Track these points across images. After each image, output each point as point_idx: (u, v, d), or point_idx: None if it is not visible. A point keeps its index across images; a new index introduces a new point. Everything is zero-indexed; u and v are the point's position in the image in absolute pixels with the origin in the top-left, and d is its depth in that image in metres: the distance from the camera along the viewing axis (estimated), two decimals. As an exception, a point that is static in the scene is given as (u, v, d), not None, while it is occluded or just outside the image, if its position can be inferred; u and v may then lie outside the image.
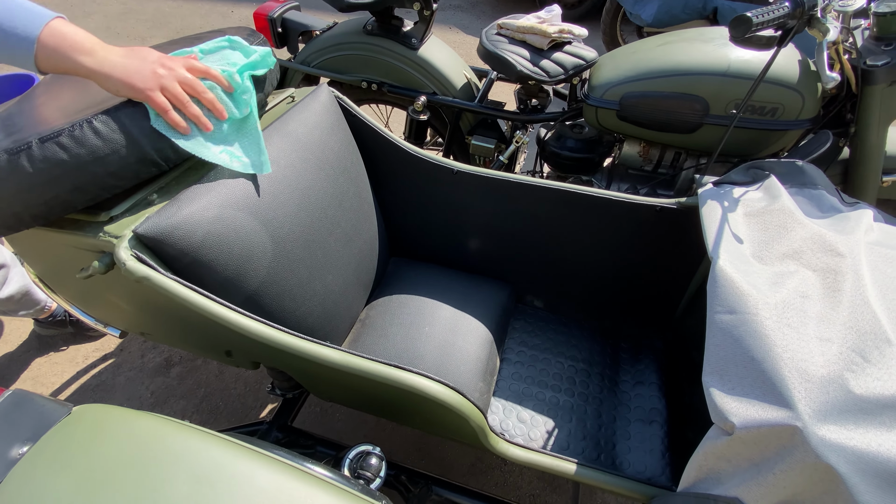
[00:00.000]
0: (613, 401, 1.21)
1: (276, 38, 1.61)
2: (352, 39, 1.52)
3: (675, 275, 1.22)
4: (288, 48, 1.67)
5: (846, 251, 0.75)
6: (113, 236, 0.74)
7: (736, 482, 0.62)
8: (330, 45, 1.55)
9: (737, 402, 0.61)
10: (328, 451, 1.08)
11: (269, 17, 1.55)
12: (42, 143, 0.67)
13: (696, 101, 1.20)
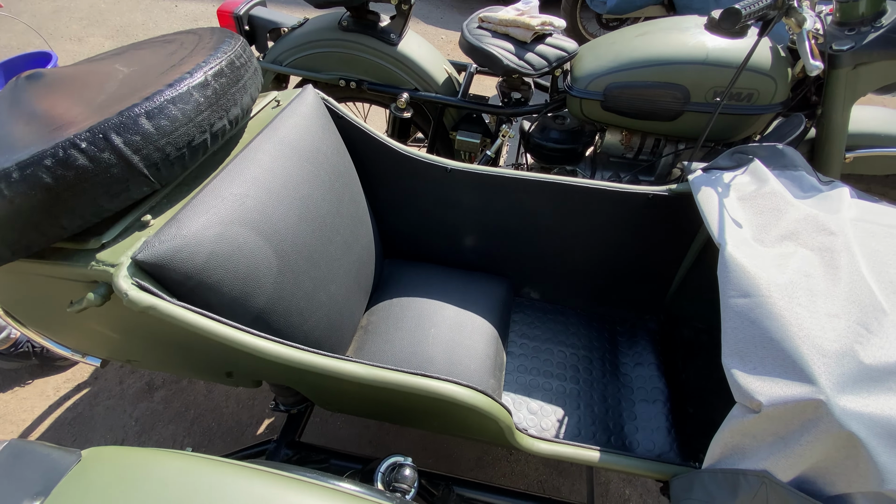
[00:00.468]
0: (616, 384, 1.25)
1: (243, 36, 1.52)
2: (327, 36, 1.46)
3: (665, 258, 1.27)
4: (256, 47, 1.59)
5: (837, 229, 0.81)
6: (108, 264, 0.68)
7: (762, 456, 0.66)
8: (303, 43, 1.49)
9: (760, 381, 0.65)
10: (344, 464, 1.06)
11: (234, 15, 1.47)
12: (23, 169, 0.61)
13: (677, 90, 1.24)
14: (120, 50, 1.01)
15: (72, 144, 0.63)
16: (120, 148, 0.66)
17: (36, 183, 0.61)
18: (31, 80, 0.86)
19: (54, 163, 0.62)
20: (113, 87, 0.78)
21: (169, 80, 0.73)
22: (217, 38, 0.87)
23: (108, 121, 0.66)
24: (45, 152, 0.62)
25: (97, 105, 0.72)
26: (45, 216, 0.64)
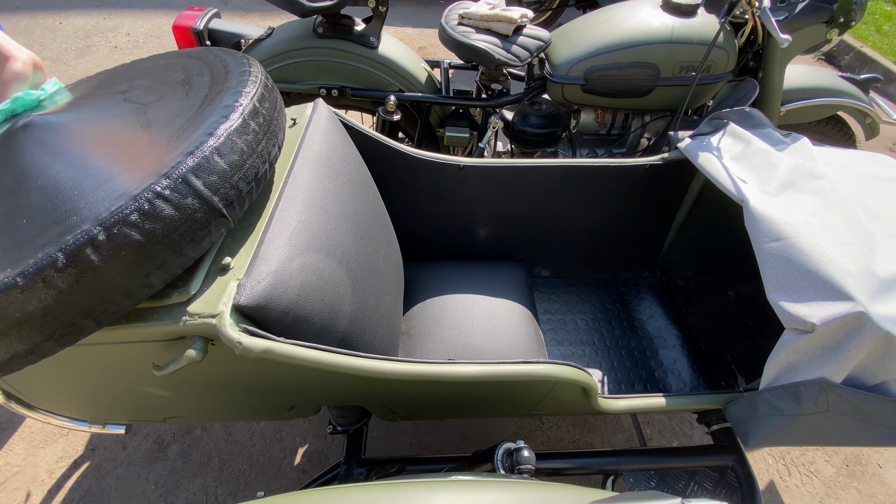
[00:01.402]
0: (637, 338, 1.39)
1: (206, 53, 1.42)
2: (302, 45, 1.41)
3: (659, 220, 1.42)
4: (218, 62, 1.48)
5: (822, 174, 0.98)
6: (205, 316, 0.64)
7: (815, 367, 0.80)
8: (277, 54, 1.42)
9: (808, 307, 0.79)
10: (421, 468, 1.08)
11: (194, 30, 1.36)
12: (108, 229, 0.55)
13: (649, 68, 1.37)
14: (105, 80, 0.91)
15: (156, 195, 0.58)
16: (201, 191, 0.62)
17: (125, 242, 0.56)
18: (32, 130, 0.76)
19: (141, 217, 0.57)
20: (146, 125, 0.72)
21: (217, 112, 0.69)
22: (235, 61, 0.83)
23: (183, 164, 0.61)
24: (129, 207, 0.56)
25: (146, 146, 0.67)
26: (134, 276, 0.59)
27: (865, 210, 0.93)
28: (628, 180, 1.30)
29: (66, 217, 0.57)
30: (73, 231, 0.55)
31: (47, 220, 0.58)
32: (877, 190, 0.99)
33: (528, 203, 1.33)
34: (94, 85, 0.90)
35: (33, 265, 0.52)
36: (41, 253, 0.53)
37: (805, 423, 0.83)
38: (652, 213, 1.40)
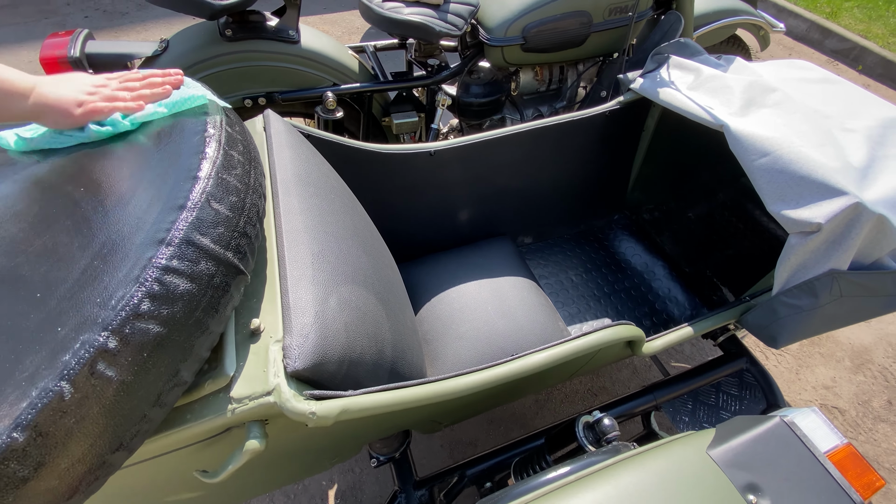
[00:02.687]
0: (630, 279, 1.45)
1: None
2: (211, 54, 1.21)
3: (621, 162, 1.47)
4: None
5: (773, 86, 1.05)
6: (256, 397, 0.53)
7: (823, 261, 0.88)
8: (184, 69, 1.20)
9: (809, 210, 0.85)
10: (481, 468, 1.04)
11: (69, 59, 1.10)
12: (120, 331, 0.42)
13: (582, 16, 1.38)
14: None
15: (164, 269, 0.45)
16: (212, 250, 0.50)
17: (144, 341, 0.43)
18: None
19: (154, 303, 0.44)
20: (99, 188, 0.56)
21: (188, 149, 0.56)
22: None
23: (180, 222, 0.48)
24: (136, 294, 0.43)
25: (120, 207, 0.52)
26: (163, 378, 0.46)
27: (815, 111, 1.02)
28: (591, 130, 1.32)
29: (52, 328, 0.42)
30: (70, 346, 0.40)
31: (27, 338, 0.43)
32: (814, 92, 1.10)
33: (503, 174, 1.30)
34: None
35: (30, 409, 0.38)
36: (35, 389, 0.39)
37: (823, 313, 0.92)
38: (615, 158, 1.43)
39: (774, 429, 0.65)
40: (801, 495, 0.58)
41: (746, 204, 1.55)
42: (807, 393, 1.64)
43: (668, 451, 0.63)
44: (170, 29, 3.12)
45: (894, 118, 1.02)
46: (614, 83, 1.51)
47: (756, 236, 1.50)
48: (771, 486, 0.59)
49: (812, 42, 3.36)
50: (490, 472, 1.04)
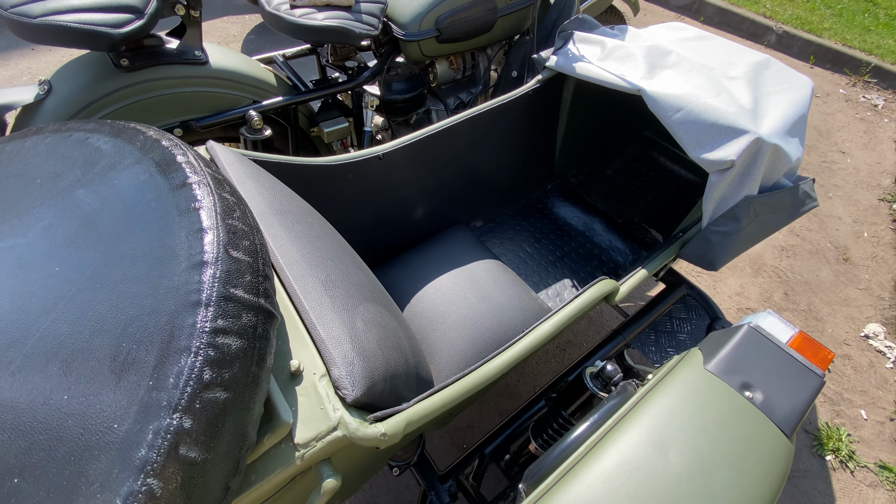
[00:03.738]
0: (575, 239, 1.58)
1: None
2: (108, 89, 1.07)
3: (546, 135, 1.58)
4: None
5: (668, 49, 1.21)
6: (323, 435, 0.53)
7: (738, 191, 1.05)
8: (76, 112, 1.05)
9: (722, 150, 1.01)
10: (494, 446, 1.10)
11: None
12: (190, 406, 0.39)
13: (487, 2, 1.44)
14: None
15: (213, 332, 0.43)
16: (247, 300, 0.48)
17: (216, 409, 0.41)
18: None
19: (215, 371, 0.42)
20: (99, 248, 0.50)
21: (177, 196, 0.51)
22: (151, 136, 0.61)
23: (210, 280, 0.46)
24: (195, 364, 0.41)
25: (127, 275, 0.47)
26: (239, 445, 0.44)
27: (703, 66, 1.19)
28: (518, 110, 1.40)
29: (106, 428, 0.38)
30: (142, 440, 0.37)
31: (72, 450, 0.38)
32: (696, 48, 1.28)
33: (448, 164, 1.34)
34: None
35: None
36: (119, 497, 0.35)
37: (745, 233, 1.10)
38: (541, 131, 1.54)
39: (747, 334, 0.78)
40: (780, 381, 0.72)
41: (651, 153, 1.75)
42: (726, 301, 1.93)
43: (675, 377, 0.73)
44: (34, 63, 2.63)
45: (760, 61, 1.23)
46: (528, 62, 1.60)
47: (666, 181, 1.71)
48: (757, 380, 0.72)
49: (660, 1, 3.80)
50: (505, 445, 1.10)
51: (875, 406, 1.68)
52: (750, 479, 0.58)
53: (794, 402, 0.69)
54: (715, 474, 0.58)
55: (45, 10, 0.88)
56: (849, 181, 2.53)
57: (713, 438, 0.62)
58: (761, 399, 0.69)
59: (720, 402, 0.68)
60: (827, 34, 3.37)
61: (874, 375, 1.77)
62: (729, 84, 1.13)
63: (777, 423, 0.66)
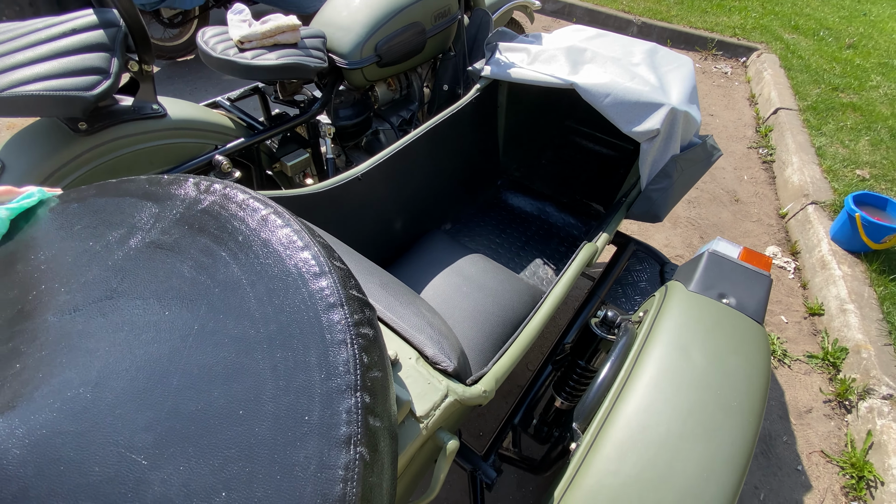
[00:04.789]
0: (534, 224, 1.76)
1: None
2: (70, 156, 1.03)
3: (489, 134, 1.75)
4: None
5: (582, 48, 1.42)
6: (437, 405, 0.61)
7: (666, 153, 1.28)
8: (40, 183, 0.99)
9: (647, 122, 1.23)
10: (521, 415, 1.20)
11: None
12: (364, 389, 0.45)
13: (417, 26, 1.58)
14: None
15: (356, 324, 0.49)
16: (360, 297, 0.55)
17: (377, 388, 0.48)
18: None
19: (367, 355, 0.47)
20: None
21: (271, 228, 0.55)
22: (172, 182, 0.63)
23: (336, 283, 0.51)
24: (353, 353, 0.47)
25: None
26: (389, 416, 0.51)
27: (612, 58, 1.43)
28: (466, 117, 1.55)
29: (301, 421, 0.43)
30: (339, 421, 0.43)
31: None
32: (601, 44, 1.52)
33: (416, 175, 1.44)
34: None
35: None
36: (339, 468, 0.41)
37: (677, 185, 1.34)
38: (486, 134, 1.70)
39: (709, 258, 0.98)
40: (742, 287, 0.92)
41: (575, 139, 1.99)
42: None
43: (670, 303, 0.90)
44: None
45: (650, 48, 1.49)
46: (458, 76, 1.76)
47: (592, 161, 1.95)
48: (727, 289, 0.91)
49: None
50: (529, 412, 1.21)
51: (790, 310, 2.06)
52: (749, 358, 0.76)
53: (757, 299, 0.89)
54: (727, 360, 0.75)
55: (12, 82, 0.84)
56: (722, 137, 3.03)
57: (716, 336, 0.79)
58: (735, 302, 0.88)
59: (709, 311, 0.86)
60: (675, 20, 4.00)
61: (783, 287, 2.15)
62: (636, 69, 1.37)
63: (751, 316, 0.85)
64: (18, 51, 0.90)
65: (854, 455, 1.57)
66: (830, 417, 1.71)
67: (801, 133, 2.84)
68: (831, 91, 3.28)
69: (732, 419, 0.67)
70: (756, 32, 3.96)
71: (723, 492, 0.62)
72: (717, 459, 0.64)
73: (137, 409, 0.41)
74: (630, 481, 0.64)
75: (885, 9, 4.92)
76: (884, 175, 2.58)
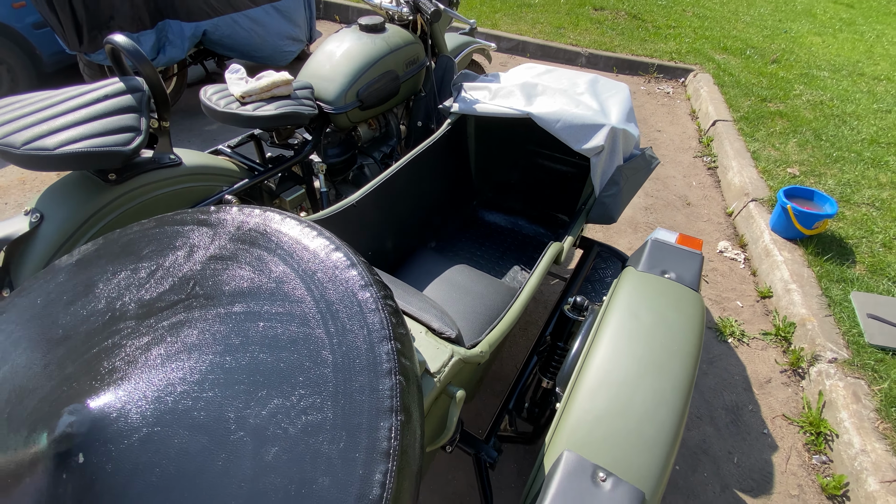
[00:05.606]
0: (509, 236, 1.97)
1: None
2: (101, 203, 1.18)
3: (462, 162, 1.97)
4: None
5: (534, 83, 1.67)
6: (445, 364, 0.78)
7: (612, 164, 1.52)
8: (75, 231, 1.14)
9: (594, 140, 1.46)
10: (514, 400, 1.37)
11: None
12: (395, 339, 0.62)
13: (391, 74, 1.81)
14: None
15: (390, 312, 0.66)
16: (389, 292, 0.72)
17: (404, 342, 0.64)
18: None
19: (395, 319, 0.66)
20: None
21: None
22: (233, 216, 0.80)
23: (375, 295, 0.68)
24: (386, 339, 0.63)
25: None
26: (415, 368, 0.67)
27: (559, 89, 1.68)
28: (441, 148, 1.77)
29: (354, 370, 0.59)
30: (382, 360, 0.59)
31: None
32: (549, 79, 1.78)
33: (403, 199, 1.63)
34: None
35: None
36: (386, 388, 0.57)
37: (625, 191, 1.57)
38: (459, 162, 1.92)
39: (653, 244, 1.19)
40: (680, 264, 1.13)
41: (537, 161, 2.24)
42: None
43: (623, 283, 1.10)
44: None
45: (591, 79, 1.76)
46: (430, 113, 1.99)
47: (553, 178, 2.19)
48: (668, 266, 1.12)
49: (495, 48, 4.62)
50: (521, 397, 1.37)
51: (744, 296, 2.29)
52: (686, 315, 0.95)
53: (692, 272, 1.10)
54: (669, 317, 0.94)
55: (61, 142, 1.00)
56: (670, 149, 3.36)
57: (660, 302, 0.99)
58: (675, 276, 1.09)
59: (654, 284, 1.06)
60: (619, 49, 4.43)
61: (735, 276, 2.40)
62: (580, 98, 1.63)
63: (688, 285, 1.06)
64: (60, 115, 1.07)
65: (811, 415, 1.77)
66: (787, 385, 1.92)
67: (737, 140, 3.19)
68: (760, 102, 3.69)
69: (675, 359, 0.86)
70: (690, 55, 4.42)
71: (671, 414, 0.80)
72: (666, 390, 0.82)
73: (229, 371, 0.57)
74: (601, 415, 0.81)
75: (803, 25, 5.53)
76: (811, 171, 2.92)
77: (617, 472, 0.76)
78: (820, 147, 3.15)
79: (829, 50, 4.83)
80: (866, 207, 2.64)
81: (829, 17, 5.94)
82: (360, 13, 4.85)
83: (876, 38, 5.36)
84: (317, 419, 0.55)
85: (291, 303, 0.65)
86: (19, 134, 1.00)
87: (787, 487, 1.61)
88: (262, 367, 0.59)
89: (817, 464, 1.67)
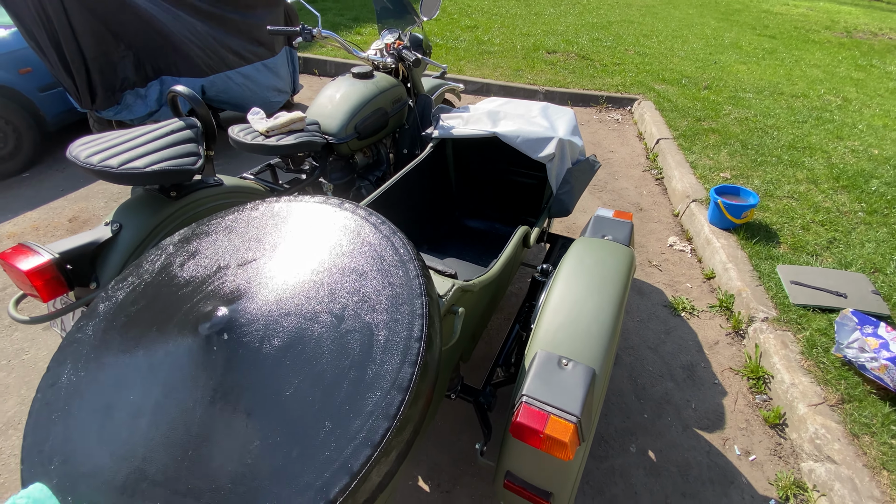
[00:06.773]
0: (488, 237, 2.33)
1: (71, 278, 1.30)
2: (165, 215, 1.50)
3: (444, 179, 2.36)
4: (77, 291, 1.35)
5: (498, 111, 2.09)
6: (451, 290, 1.12)
7: (563, 167, 1.92)
8: (145, 237, 1.45)
9: (547, 149, 1.87)
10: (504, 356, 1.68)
11: (56, 265, 1.24)
12: (427, 295, 0.98)
13: (381, 111, 2.22)
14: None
15: (423, 267, 1.02)
16: (422, 256, 1.07)
17: (429, 287, 0.99)
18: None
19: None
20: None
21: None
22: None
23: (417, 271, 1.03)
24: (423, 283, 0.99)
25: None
26: (438, 302, 1.00)
27: (518, 115, 2.11)
28: (428, 167, 2.15)
29: (401, 306, 0.93)
30: (417, 303, 0.94)
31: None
32: (508, 108, 2.21)
33: (394, 214, 1.99)
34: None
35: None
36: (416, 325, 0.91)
37: (576, 188, 1.97)
38: (443, 178, 2.31)
39: (595, 218, 1.57)
40: (615, 229, 1.50)
41: (506, 174, 2.65)
42: (590, 253, 2.84)
43: (574, 246, 1.46)
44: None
45: (543, 106, 2.20)
46: (413, 141, 2.39)
47: (520, 187, 2.59)
48: (607, 231, 1.49)
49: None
50: (510, 354, 1.69)
51: (692, 279, 2.68)
52: (618, 258, 1.32)
53: (624, 234, 1.47)
54: (606, 262, 1.30)
55: (149, 162, 1.33)
56: (623, 166, 3.85)
57: (599, 252, 1.35)
58: (611, 238, 1.46)
59: (595, 242, 1.42)
60: (572, 85, 5.03)
61: (684, 264, 2.80)
62: (534, 119, 2.05)
63: (621, 242, 1.42)
64: (140, 146, 1.41)
65: (752, 364, 2.12)
66: (731, 344, 2.28)
67: (678, 154, 3.70)
68: (696, 121, 4.26)
69: (609, 284, 1.21)
70: (634, 87, 5.05)
71: (609, 319, 1.14)
72: (605, 301, 1.17)
73: (314, 286, 0.90)
74: (561, 323, 1.15)
75: (731, 56, 6.32)
76: (741, 174, 3.42)
77: (575, 358, 1.08)
78: (747, 154, 3.68)
79: (753, 75, 5.57)
80: (787, 199, 3.12)
81: (753, 48, 6.80)
82: (338, 68, 5.39)
83: (794, 63, 6.17)
84: (375, 312, 0.87)
85: (360, 255, 0.99)
86: (113, 159, 1.32)
87: (737, 423, 1.93)
88: (339, 286, 0.91)
89: (760, 402, 2.01)
